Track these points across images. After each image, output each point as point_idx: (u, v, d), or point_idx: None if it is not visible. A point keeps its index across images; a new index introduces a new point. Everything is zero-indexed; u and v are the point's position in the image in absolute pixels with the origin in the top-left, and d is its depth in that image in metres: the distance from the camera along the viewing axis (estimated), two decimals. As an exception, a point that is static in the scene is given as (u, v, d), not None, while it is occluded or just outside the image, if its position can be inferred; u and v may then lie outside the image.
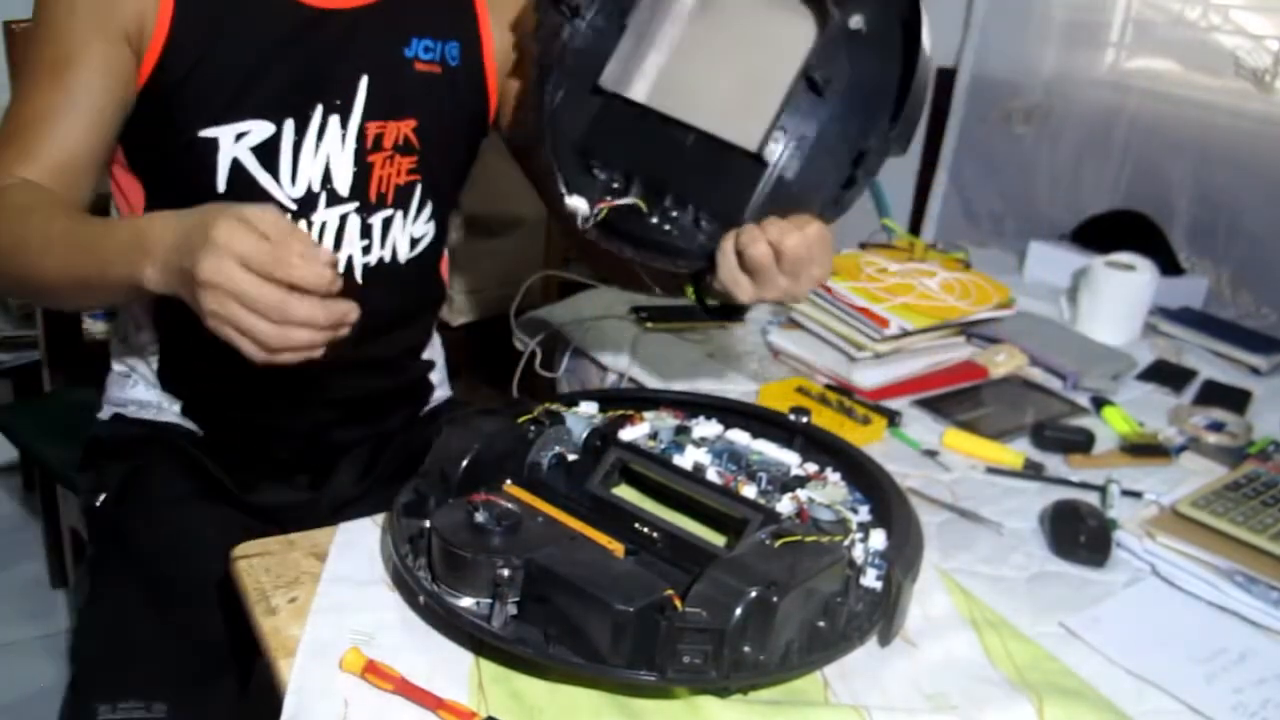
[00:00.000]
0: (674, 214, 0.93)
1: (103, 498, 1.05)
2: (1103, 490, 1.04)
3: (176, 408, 1.11)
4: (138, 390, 1.12)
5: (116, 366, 1.15)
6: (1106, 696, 0.75)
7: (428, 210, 1.08)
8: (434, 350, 1.25)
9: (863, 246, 1.58)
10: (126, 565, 0.99)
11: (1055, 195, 1.94)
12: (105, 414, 1.14)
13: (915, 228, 2.20)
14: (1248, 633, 0.85)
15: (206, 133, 0.95)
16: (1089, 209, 1.83)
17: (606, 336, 1.39)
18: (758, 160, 0.89)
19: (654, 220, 0.93)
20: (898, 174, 2.26)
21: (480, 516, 0.72)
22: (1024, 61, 1.95)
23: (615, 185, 0.94)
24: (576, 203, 0.93)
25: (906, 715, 0.71)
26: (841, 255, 1.45)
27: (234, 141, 0.96)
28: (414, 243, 1.08)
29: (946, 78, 2.07)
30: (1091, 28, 1.90)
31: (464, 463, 0.79)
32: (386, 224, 1.05)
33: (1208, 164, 1.70)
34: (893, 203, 2.28)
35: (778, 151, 0.88)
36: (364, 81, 0.99)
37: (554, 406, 0.89)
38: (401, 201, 1.06)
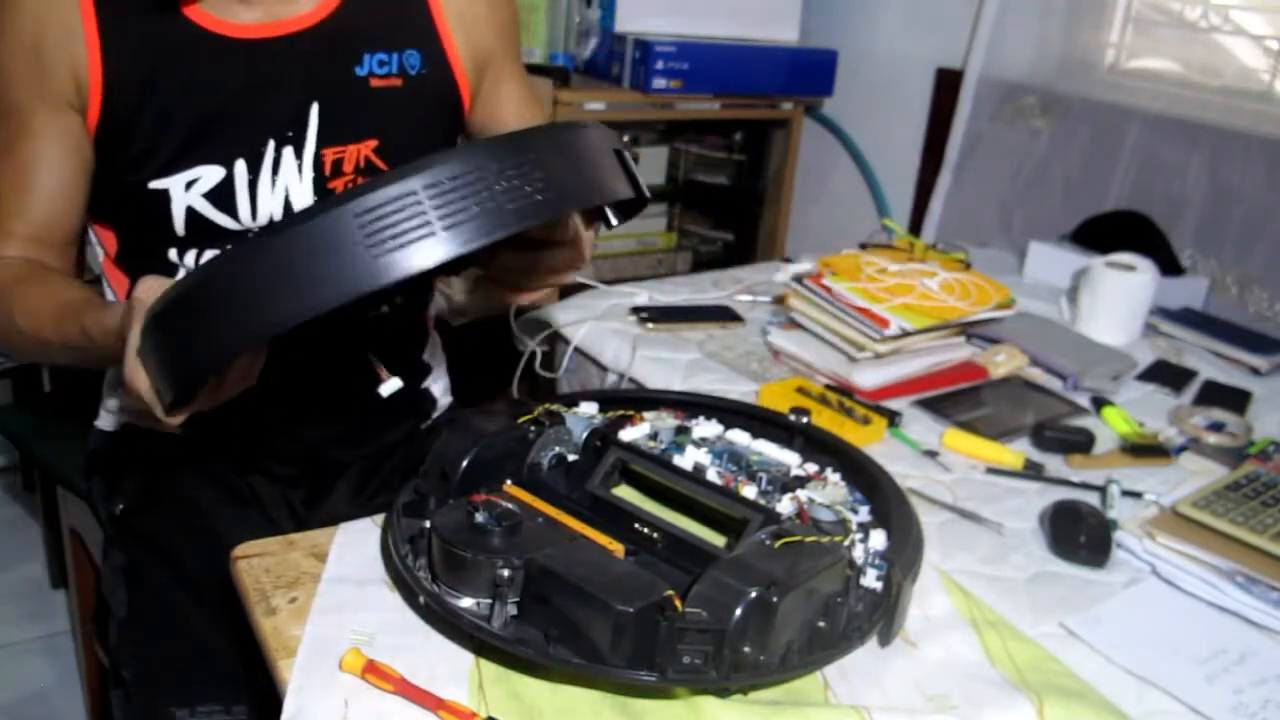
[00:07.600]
0: None
1: (121, 506, 1.04)
2: (1103, 491, 1.04)
3: None
4: None
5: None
6: (1107, 697, 0.75)
7: None
8: (435, 355, 1.24)
9: (863, 247, 1.58)
10: (167, 572, 0.98)
11: (1059, 196, 1.94)
12: (109, 422, 1.13)
13: (915, 228, 2.20)
14: (1248, 633, 0.85)
15: (156, 184, 0.93)
16: (1092, 209, 1.83)
17: (607, 337, 1.39)
18: None
19: None
20: (898, 174, 2.26)
21: (480, 517, 0.72)
22: (1030, 63, 1.95)
23: None
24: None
25: (906, 715, 0.71)
26: (841, 255, 1.45)
27: (185, 190, 0.94)
28: None
29: (953, 79, 2.07)
30: (1094, 29, 1.91)
31: (464, 463, 0.79)
32: None
33: (1214, 163, 1.70)
34: (892, 203, 2.28)
35: None
36: (315, 108, 0.96)
37: (554, 407, 0.89)
38: None
